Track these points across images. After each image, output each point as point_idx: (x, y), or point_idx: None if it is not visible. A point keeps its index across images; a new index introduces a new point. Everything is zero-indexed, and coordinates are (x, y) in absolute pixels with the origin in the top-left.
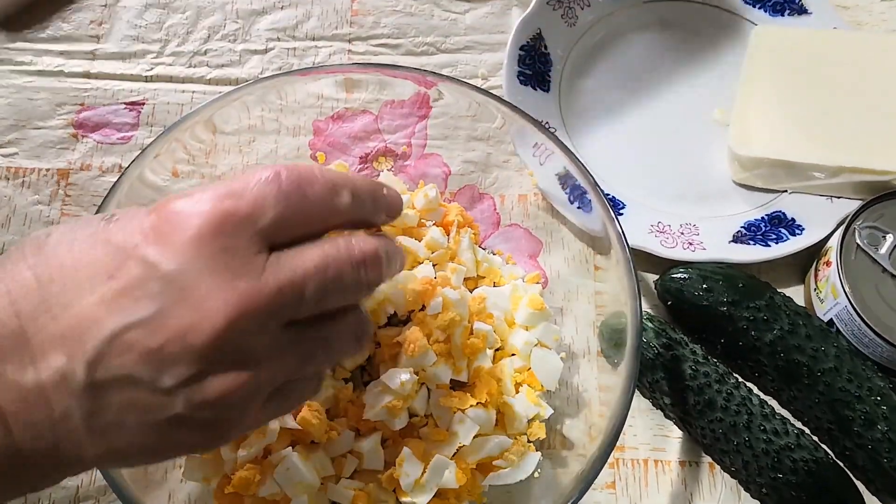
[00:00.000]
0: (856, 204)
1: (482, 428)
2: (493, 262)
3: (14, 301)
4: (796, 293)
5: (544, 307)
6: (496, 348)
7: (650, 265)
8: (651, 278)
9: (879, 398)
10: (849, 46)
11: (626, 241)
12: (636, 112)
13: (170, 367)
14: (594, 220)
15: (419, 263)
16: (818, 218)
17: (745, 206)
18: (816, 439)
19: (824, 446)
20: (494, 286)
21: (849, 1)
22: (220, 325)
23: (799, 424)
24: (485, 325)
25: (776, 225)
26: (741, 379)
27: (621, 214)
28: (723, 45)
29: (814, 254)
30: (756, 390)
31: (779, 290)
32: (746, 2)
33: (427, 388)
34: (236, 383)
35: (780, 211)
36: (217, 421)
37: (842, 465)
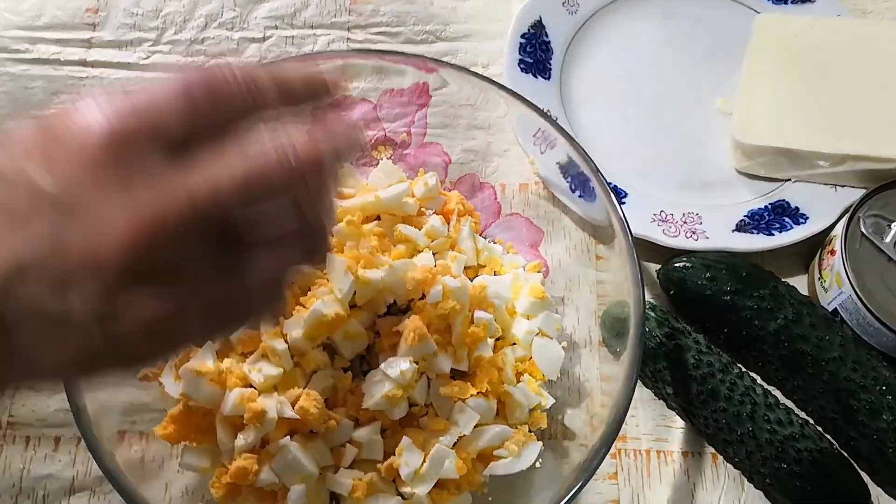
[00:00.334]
0: (860, 192)
1: (483, 417)
2: (494, 251)
3: None
4: (800, 283)
5: (546, 296)
6: (497, 337)
7: (652, 255)
8: (653, 268)
9: (884, 388)
10: (853, 34)
11: (629, 229)
12: (638, 101)
13: (79, 298)
14: (596, 209)
15: (419, 252)
16: (822, 207)
17: (749, 195)
18: (821, 429)
19: (828, 436)
20: (495, 275)
21: None
22: (126, 244)
23: (803, 415)
24: (485, 314)
25: (780, 214)
26: (744, 369)
27: (623, 203)
28: (725, 33)
29: (817, 243)
30: (760, 380)
31: (782, 280)
32: None
33: (427, 378)
34: (157, 310)
35: (784, 200)
36: (142, 350)
37: (846, 456)
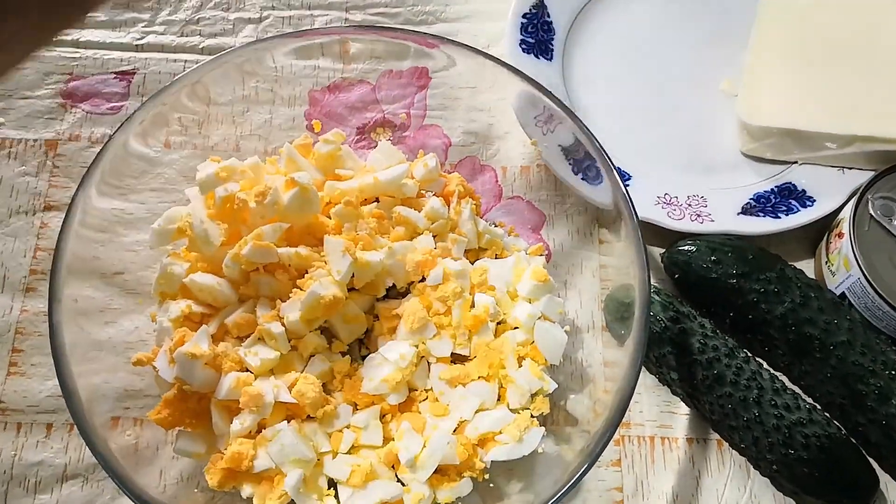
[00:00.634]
0: (868, 175)
1: (484, 402)
2: (495, 234)
3: None
4: (806, 267)
5: (548, 279)
6: (498, 321)
7: (656, 239)
8: (657, 252)
9: (893, 372)
10: (860, 12)
11: (634, 208)
12: (641, 82)
13: None
14: (599, 191)
15: (419, 234)
16: (829, 189)
17: (755, 178)
18: (828, 415)
19: (836, 422)
20: (496, 258)
21: None
22: None
23: (810, 400)
24: (487, 297)
25: (786, 196)
26: (750, 354)
27: (627, 186)
28: (731, 14)
29: (824, 226)
30: (766, 365)
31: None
32: None
33: (427, 362)
34: None
35: (791, 182)
36: None
37: (854, 442)
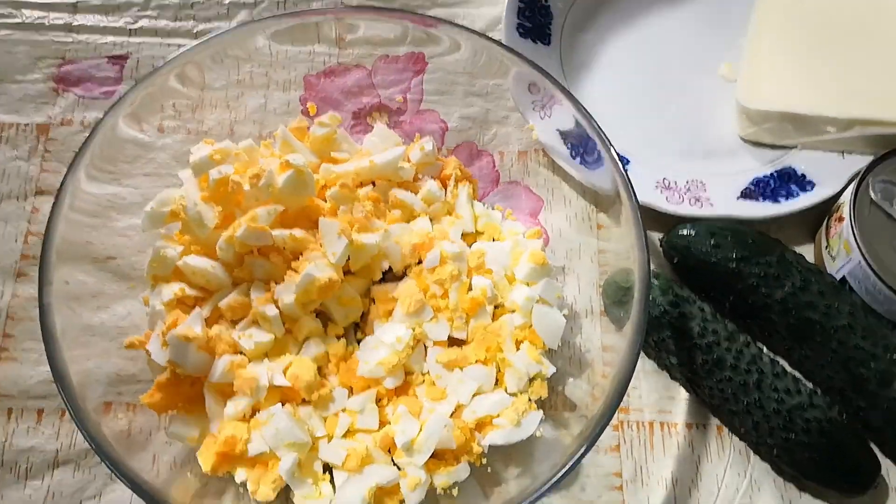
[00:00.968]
0: (868, 159)
1: (481, 386)
2: (493, 218)
3: None
4: (806, 253)
5: (546, 262)
6: (496, 305)
7: (655, 224)
8: (656, 238)
9: (895, 356)
10: None
11: (633, 190)
12: (640, 66)
13: None
14: (598, 175)
15: (415, 217)
16: (829, 173)
17: (754, 163)
18: (829, 400)
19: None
20: (494, 242)
21: None
22: None
23: (811, 385)
24: (484, 280)
25: (786, 181)
26: (751, 339)
27: (626, 171)
28: None
29: (824, 211)
30: (766, 350)
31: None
32: None
33: (424, 345)
34: None
35: (790, 167)
36: None
37: (856, 426)
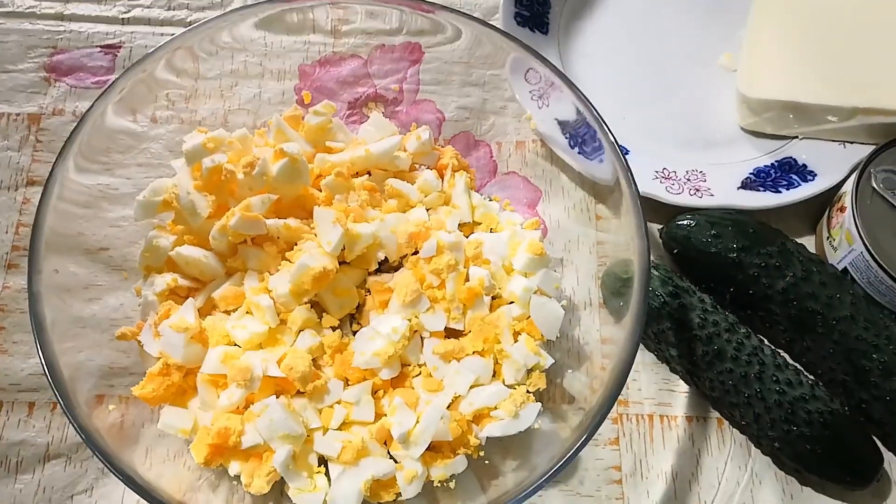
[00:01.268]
0: (870, 149)
1: (478, 377)
2: (490, 208)
3: None
4: (807, 244)
5: (544, 252)
6: (494, 296)
7: (654, 215)
8: (655, 229)
9: None
10: None
11: (634, 178)
12: (639, 56)
13: None
14: (596, 166)
15: (411, 207)
16: (831, 163)
17: (754, 153)
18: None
19: (839, 399)
20: (491, 232)
21: None
22: None
23: (812, 377)
24: (481, 270)
25: (787, 171)
26: (751, 330)
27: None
28: None
29: (825, 202)
30: (767, 342)
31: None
32: None
33: (420, 336)
34: None
35: (791, 157)
36: None
37: (858, 418)
